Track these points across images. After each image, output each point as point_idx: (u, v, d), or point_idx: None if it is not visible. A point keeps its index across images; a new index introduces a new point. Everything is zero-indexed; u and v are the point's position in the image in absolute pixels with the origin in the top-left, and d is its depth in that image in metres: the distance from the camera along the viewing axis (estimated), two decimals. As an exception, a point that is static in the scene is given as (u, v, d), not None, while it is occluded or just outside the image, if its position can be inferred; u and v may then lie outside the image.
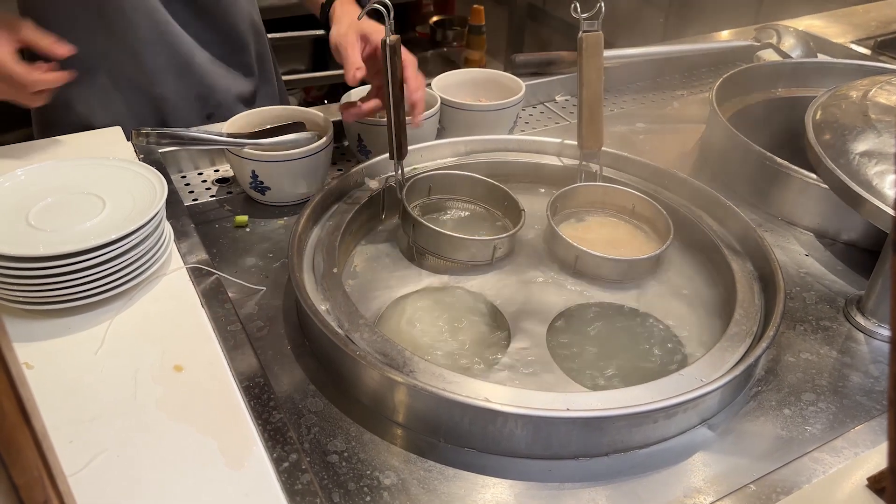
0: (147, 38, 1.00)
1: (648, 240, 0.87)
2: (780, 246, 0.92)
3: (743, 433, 0.66)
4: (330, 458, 0.62)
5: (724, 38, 1.53)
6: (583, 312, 0.78)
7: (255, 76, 1.16)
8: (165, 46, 1.02)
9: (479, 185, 0.91)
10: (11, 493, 0.30)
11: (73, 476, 0.52)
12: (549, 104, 1.28)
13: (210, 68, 1.08)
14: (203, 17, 1.04)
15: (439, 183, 0.91)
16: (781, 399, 0.70)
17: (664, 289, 0.82)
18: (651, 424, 0.63)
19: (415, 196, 0.90)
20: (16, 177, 0.74)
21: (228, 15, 1.06)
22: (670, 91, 1.36)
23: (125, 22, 0.97)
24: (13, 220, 0.69)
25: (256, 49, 1.15)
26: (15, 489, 0.30)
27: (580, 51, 0.89)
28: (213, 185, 1.00)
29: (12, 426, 0.29)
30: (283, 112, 0.99)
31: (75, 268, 0.65)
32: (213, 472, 0.53)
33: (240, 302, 0.78)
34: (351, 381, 0.67)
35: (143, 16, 0.98)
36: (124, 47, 1.00)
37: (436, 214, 0.91)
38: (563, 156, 0.98)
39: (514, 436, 0.61)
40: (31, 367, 0.62)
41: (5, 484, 0.29)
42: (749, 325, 0.72)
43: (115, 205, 0.71)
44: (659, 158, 0.96)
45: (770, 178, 0.97)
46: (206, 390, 0.60)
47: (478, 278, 0.82)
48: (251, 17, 1.12)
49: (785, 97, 1.22)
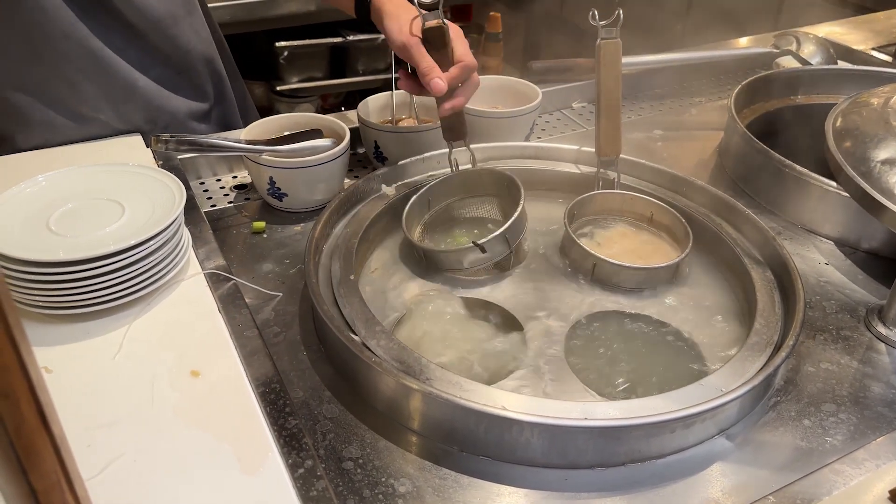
0: (82, 67, 0.95)
1: (667, 248, 0.86)
2: (799, 254, 0.91)
3: (762, 444, 0.66)
4: (345, 464, 0.62)
5: (743, 44, 1.52)
6: (600, 321, 0.77)
7: (208, 96, 1.10)
8: (103, 74, 0.96)
9: (472, 179, 0.91)
10: (30, 497, 0.30)
11: (90, 480, 0.52)
12: (565, 111, 1.28)
13: (155, 92, 1.02)
14: (139, 41, 0.98)
15: (436, 192, 0.90)
16: (801, 409, 0.69)
17: (682, 297, 0.81)
18: (668, 434, 0.62)
19: (417, 215, 0.89)
20: (37, 182, 0.75)
21: (167, 38, 1.00)
22: (688, 98, 1.35)
23: (57, 52, 0.93)
24: (34, 226, 0.69)
25: (209, 69, 1.09)
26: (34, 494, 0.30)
27: (598, 58, 0.89)
28: (231, 192, 1.01)
29: (32, 431, 0.29)
30: (301, 119, 0.99)
31: (94, 273, 0.65)
32: (229, 478, 0.53)
33: (256, 308, 0.79)
34: (366, 388, 0.67)
35: (75, 44, 0.93)
36: (60, 77, 0.95)
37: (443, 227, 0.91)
38: (581, 163, 0.98)
39: (529, 444, 0.61)
40: (51, 371, 0.62)
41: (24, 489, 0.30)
42: (769, 334, 0.71)
43: (135, 210, 0.72)
44: (677, 166, 0.96)
45: (789, 186, 0.96)
46: (222, 396, 0.61)
47: (495, 286, 0.82)
48: (199, 37, 1.05)
49: (804, 104, 1.21)
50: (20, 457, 0.29)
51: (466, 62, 0.85)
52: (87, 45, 0.93)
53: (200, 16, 1.06)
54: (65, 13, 0.91)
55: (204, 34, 1.07)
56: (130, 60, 0.98)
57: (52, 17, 0.90)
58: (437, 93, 0.83)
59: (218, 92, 1.12)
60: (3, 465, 0.29)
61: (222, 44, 1.16)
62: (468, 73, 0.85)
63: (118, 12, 0.94)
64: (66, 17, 0.91)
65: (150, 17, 0.96)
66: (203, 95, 1.09)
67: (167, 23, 0.99)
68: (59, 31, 0.91)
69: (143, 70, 1.00)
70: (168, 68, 1.03)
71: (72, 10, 0.91)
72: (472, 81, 0.87)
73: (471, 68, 0.85)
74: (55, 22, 0.90)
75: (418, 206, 0.89)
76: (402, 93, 1.06)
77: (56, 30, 0.91)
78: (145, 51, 0.99)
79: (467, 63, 0.85)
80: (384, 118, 1.07)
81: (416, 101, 1.07)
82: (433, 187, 0.90)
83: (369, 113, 1.03)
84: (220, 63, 1.12)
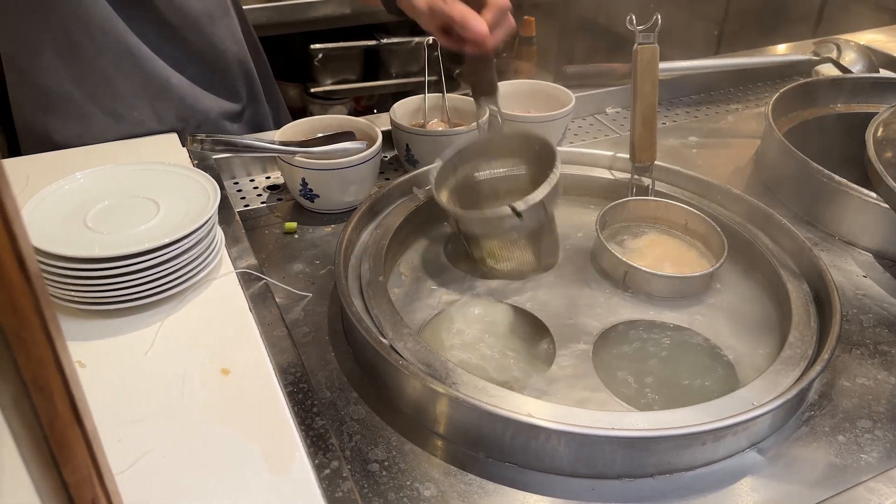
0: (118, 63, 0.96)
1: (701, 257, 0.85)
2: (836, 266, 0.89)
3: (794, 459, 0.64)
4: (371, 466, 0.62)
5: (782, 52, 1.49)
6: (631, 329, 0.76)
7: (240, 97, 1.11)
8: (138, 71, 0.97)
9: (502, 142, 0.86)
10: (62, 490, 0.31)
11: (119, 475, 0.53)
12: (599, 116, 1.27)
13: (188, 90, 1.03)
14: (175, 40, 1.00)
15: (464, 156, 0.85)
16: (836, 425, 0.68)
17: (716, 308, 0.80)
18: (699, 447, 0.61)
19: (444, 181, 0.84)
20: (75, 180, 0.76)
21: (203, 37, 1.01)
22: (724, 105, 1.33)
23: (94, 47, 0.94)
24: (72, 222, 0.71)
25: (243, 70, 1.10)
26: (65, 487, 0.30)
27: (635, 63, 0.88)
28: (264, 192, 1.02)
29: (65, 425, 0.29)
30: (334, 121, 1.00)
31: (129, 270, 0.66)
32: (256, 477, 0.54)
33: (286, 307, 0.79)
34: (393, 391, 0.67)
35: (112, 40, 0.94)
36: (96, 72, 0.96)
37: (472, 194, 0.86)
38: (614, 169, 0.97)
39: (556, 453, 0.60)
40: (84, 365, 0.63)
41: (57, 482, 0.30)
42: (804, 347, 0.69)
43: (169, 209, 0.73)
44: (712, 173, 0.94)
45: (827, 197, 0.94)
46: (251, 394, 0.61)
47: (525, 291, 0.81)
48: (233, 38, 1.06)
49: (844, 113, 1.19)
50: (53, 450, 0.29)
51: (499, 4, 0.79)
52: (123, 40, 0.95)
53: (234, 17, 1.07)
54: (103, 8, 0.92)
55: (238, 35, 1.08)
56: (165, 58, 1.00)
57: (90, 12, 0.92)
58: (479, 36, 0.77)
59: (250, 93, 1.14)
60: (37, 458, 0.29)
61: (256, 46, 1.17)
62: (502, 15, 0.80)
63: (156, 9, 0.95)
64: (104, 12, 0.93)
65: (187, 14, 0.97)
66: (235, 96, 1.10)
67: (203, 21, 1.00)
68: (97, 26, 0.93)
69: (177, 68, 1.01)
70: (202, 68, 1.04)
71: (110, 5, 0.93)
72: (507, 24, 0.81)
73: (504, 9, 0.79)
74: (93, 17, 0.92)
75: (445, 172, 0.84)
76: (434, 96, 1.06)
77: (94, 25, 0.92)
78: (181, 49, 1.01)
79: (500, 5, 0.79)
80: (416, 121, 1.07)
81: (447, 105, 1.07)
82: (461, 152, 0.85)
83: (401, 116, 1.04)
84: (252, 65, 1.13)
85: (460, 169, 0.86)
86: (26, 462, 0.30)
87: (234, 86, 1.10)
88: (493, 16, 0.78)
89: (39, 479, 0.30)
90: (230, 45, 1.06)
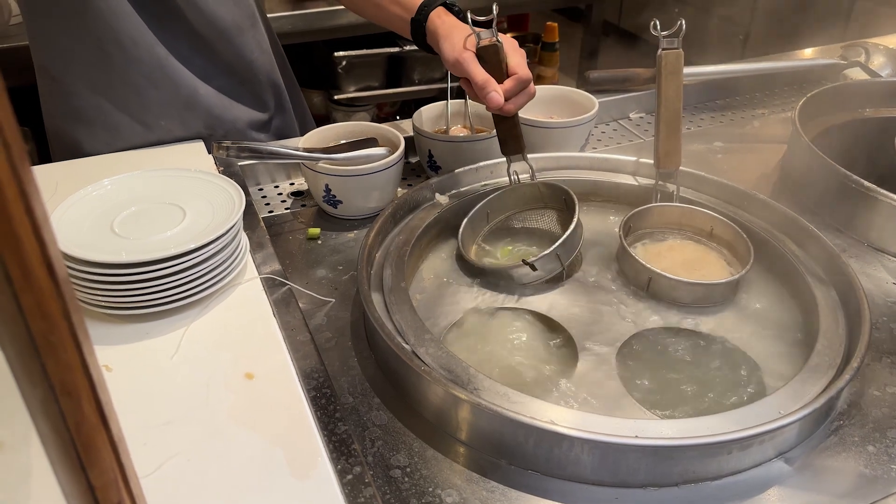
0: (148, 74, 0.97)
1: (727, 263, 0.84)
2: (866, 273, 0.88)
3: (822, 469, 0.63)
4: (393, 472, 0.62)
5: (809, 56, 1.48)
6: (655, 337, 0.76)
7: (268, 107, 1.12)
8: (167, 81, 0.99)
9: (530, 192, 0.91)
10: (88, 493, 0.31)
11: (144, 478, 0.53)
12: (622, 121, 1.26)
13: (216, 101, 1.04)
14: (205, 51, 1.01)
15: (494, 205, 0.90)
16: (865, 435, 0.66)
17: (742, 315, 0.79)
18: (725, 455, 0.60)
19: (475, 227, 0.89)
20: (103, 186, 0.77)
21: (232, 48, 1.02)
22: (750, 109, 1.32)
23: (125, 57, 0.95)
24: (99, 228, 0.72)
25: (270, 80, 1.11)
26: (92, 490, 0.31)
27: (659, 68, 0.87)
28: (289, 198, 1.03)
29: (92, 429, 0.29)
30: (357, 128, 1.01)
31: (155, 275, 0.67)
32: (279, 482, 0.54)
33: (309, 313, 0.80)
34: (415, 396, 0.67)
35: (143, 51, 0.95)
36: (127, 83, 0.97)
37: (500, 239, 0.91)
38: (638, 175, 0.96)
39: (579, 461, 0.60)
40: (111, 369, 0.64)
41: (83, 485, 0.30)
42: (832, 356, 0.68)
43: (195, 215, 0.74)
44: (738, 179, 0.93)
45: (856, 202, 0.92)
46: (274, 399, 0.61)
47: (547, 297, 0.81)
48: (261, 48, 1.07)
49: (873, 118, 1.17)
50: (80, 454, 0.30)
51: (521, 75, 0.85)
52: (154, 52, 0.96)
53: (262, 28, 1.08)
54: (135, 20, 0.94)
55: (266, 46, 1.09)
56: (194, 69, 1.01)
57: (123, 23, 0.93)
58: (493, 106, 0.84)
59: (277, 102, 1.15)
60: (64, 461, 0.30)
61: (282, 55, 1.18)
62: (523, 85, 0.85)
63: (187, 21, 0.97)
64: (136, 23, 0.94)
65: (217, 26, 0.99)
66: (263, 105, 1.11)
67: (233, 33, 1.01)
68: (129, 38, 0.94)
69: (206, 79, 1.03)
70: (231, 78, 1.05)
71: (141, 18, 0.94)
72: (526, 92, 0.86)
73: (525, 81, 0.85)
74: (125, 28, 0.93)
75: (477, 219, 0.89)
76: (456, 102, 1.07)
77: (125, 36, 0.94)
78: (210, 60, 1.02)
79: (521, 76, 0.85)
80: (438, 127, 1.07)
81: (470, 111, 1.07)
82: (491, 200, 0.90)
83: (423, 122, 1.04)
84: (279, 74, 1.14)
85: (492, 216, 0.91)
86: (54, 465, 0.30)
87: (262, 96, 1.11)
88: (512, 85, 0.85)
89: (66, 482, 0.31)
90: (258, 55, 1.07)
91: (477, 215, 0.89)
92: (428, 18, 0.92)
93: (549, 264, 0.80)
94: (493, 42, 0.84)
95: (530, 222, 0.92)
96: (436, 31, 0.90)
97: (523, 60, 0.87)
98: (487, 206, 0.90)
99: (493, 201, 0.90)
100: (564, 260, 0.81)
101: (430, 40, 0.92)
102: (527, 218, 0.92)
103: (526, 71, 0.85)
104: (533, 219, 0.92)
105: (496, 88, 0.83)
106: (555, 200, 0.89)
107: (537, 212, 0.91)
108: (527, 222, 0.92)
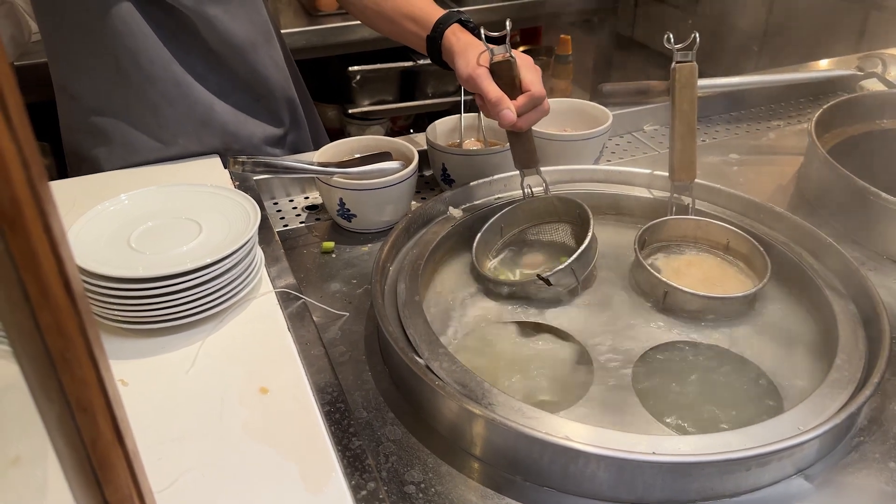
0: (165, 92, 0.98)
1: (743, 277, 0.83)
2: (885, 286, 0.87)
3: (843, 486, 0.62)
4: (407, 488, 0.61)
5: (824, 67, 1.47)
6: (671, 351, 0.75)
7: (282, 122, 1.13)
8: (184, 99, 1.00)
9: (544, 206, 0.90)
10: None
11: (159, 493, 0.53)
12: (636, 134, 1.26)
13: (231, 117, 1.05)
14: (220, 69, 1.02)
15: (508, 219, 0.90)
16: (886, 451, 0.65)
17: (759, 329, 0.78)
18: (743, 472, 0.59)
19: (489, 241, 0.89)
20: (120, 201, 0.78)
21: (247, 64, 1.03)
22: (766, 121, 1.31)
23: (142, 75, 0.96)
24: (116, 243, 0.72)
25: (285, 95, 1.11)
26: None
27: (673, 81, 0.87)
28: (303, 212, 1.03)
29: (107, 445, 0.29)
30: (371, 142, 1.01)
31: (171, 289, 0.67)
32: (294, 497, 0.54)
33: (324, 326, 0.80)
34: (429, 411, 0.67)
35: (159, 69, 0.96)
36: (144, 101, 0.98)
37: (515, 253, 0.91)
38: (653, 187, 0.96)
39: (595, 477, 0.59)
40: (126, 384, 0.64)
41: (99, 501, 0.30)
42: (852, 371, 0.67)
43: (211, 230, 0.74)
44: (754, 191, 0.92)
45: (874, 214, 0.91)
46: (289, 414, 0.61)
47: (562, 311, 0.80)
48: (276, 65, 1.08)
49: (891, 129, 1.16)
50: (95, 470, 0.30)
51: (534, 92, 0.85)
52: (170, 70, 0.97)
53: (277, 45, 1.09)
54: (151, 39, 0.95)
55: (280, 62, 1.10)
56: (210, 86, 1.02)
57: (139, 42, 0.94)
58: (506, 123, 0.84)
59: (292, 118, 1.15)
60: (80, 477, 0.30)
61: (296, 71, 1.19)
62: (535, 102, 0.86)
63: (202, 38, 0.98)
64: (152, 42, 0.95)
65: (232, 43, 0.99)
66: (278, 121, 1.12)
67: (247, 49, 1.02)
68: (146, 57, 0.95)
69: (221, 96, 1.03)
70: (246, 94, 1.06)
71: (158, 37, 0.95)
72: (539, 109, 0.87)
73: (538, 98, 0.86)
74: (142, 47, 0.95)
75: (490, 233, 0.89)
76: (470, 116, 1.07)
77: (142, 54, 0.95)
78: (225, 77, 1.03)
79: (535, 93, 0.85)
80: (452, 141, 1.07)
81: (483, 125, 1.07)
82: (505, 214, 0.90)
83: (437, 136, 1.04)
84: (294, 90, 1.15)
85: (506, 230, 0.91)
86: (69, 481, 0.30)
87: (277, 111, 1.11)
88: (525, 102, 0.85)
89: (82, 498, 0.31)
90: (273, 71, 1.08)
91: (491, 229, 0.89)
92: (443, 36, 0.93)
93: (564, 279, 0.80)
94: (506, 58, 0.85)
95: (544, 236, 0.92)
96: (451, 48, 0.91)
97: (537, 77, 0.87)
98: (501, 219, 0.90)
99: (507, 215, 0.90)
100: (579, 274, 0.81)
101: (446, 57, 0.93)
102: (541, 232, 0.92)
103: (540, 88, 0.86)
104: (547, 233, 0.91)
105: (509, 105, 0.84)
106: (569, 214, 0.89)
107: (551, 225, 0.91)
108: (541, 236, 0.92)
